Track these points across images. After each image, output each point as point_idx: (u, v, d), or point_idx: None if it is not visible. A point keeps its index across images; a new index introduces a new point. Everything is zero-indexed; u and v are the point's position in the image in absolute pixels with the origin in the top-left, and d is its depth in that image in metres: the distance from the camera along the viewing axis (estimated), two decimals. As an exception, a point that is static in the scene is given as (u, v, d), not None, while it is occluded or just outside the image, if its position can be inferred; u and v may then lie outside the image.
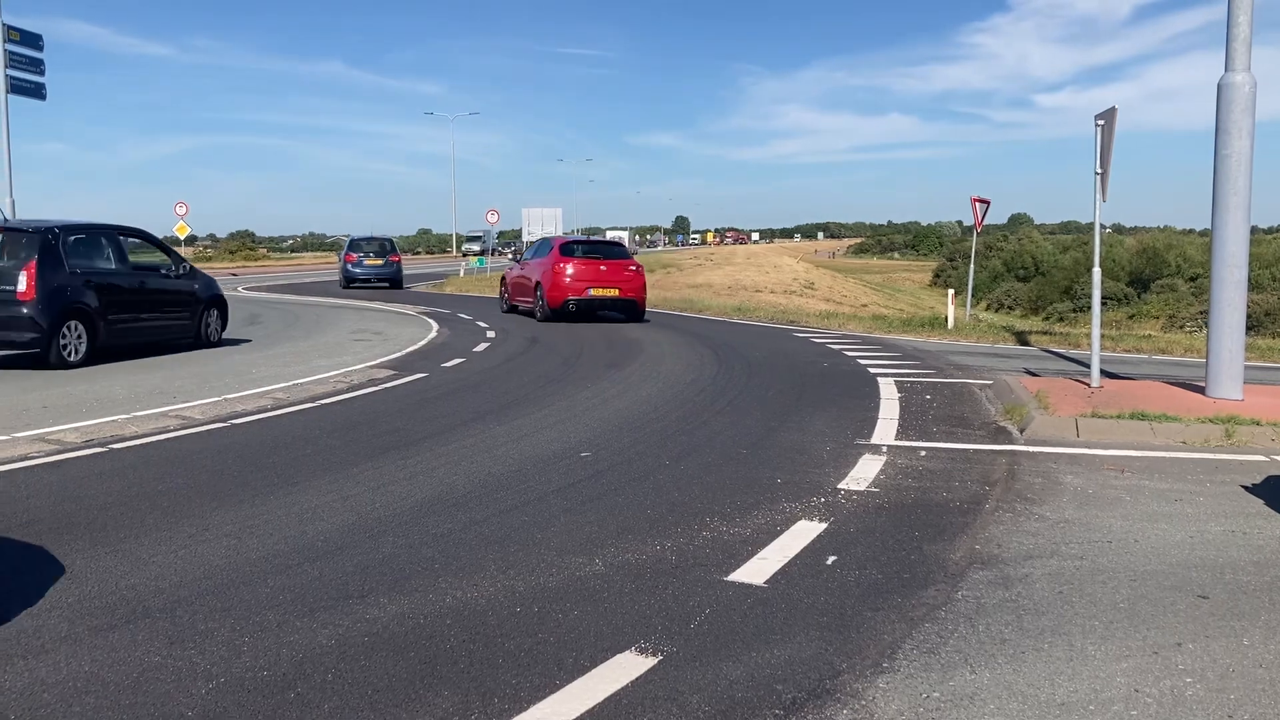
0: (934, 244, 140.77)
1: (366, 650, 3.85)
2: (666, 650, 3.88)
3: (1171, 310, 44.35)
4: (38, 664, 3.68)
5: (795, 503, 6.18)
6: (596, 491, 6.44)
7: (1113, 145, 10.45)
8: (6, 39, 30.56)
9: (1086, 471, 7.24)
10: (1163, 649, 3.99)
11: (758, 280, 43.18)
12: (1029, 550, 5.31)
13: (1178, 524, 5.88)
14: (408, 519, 5.72)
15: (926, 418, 9.48)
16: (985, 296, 56.65)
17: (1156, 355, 16.28)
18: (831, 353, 15.68)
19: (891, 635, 4.08)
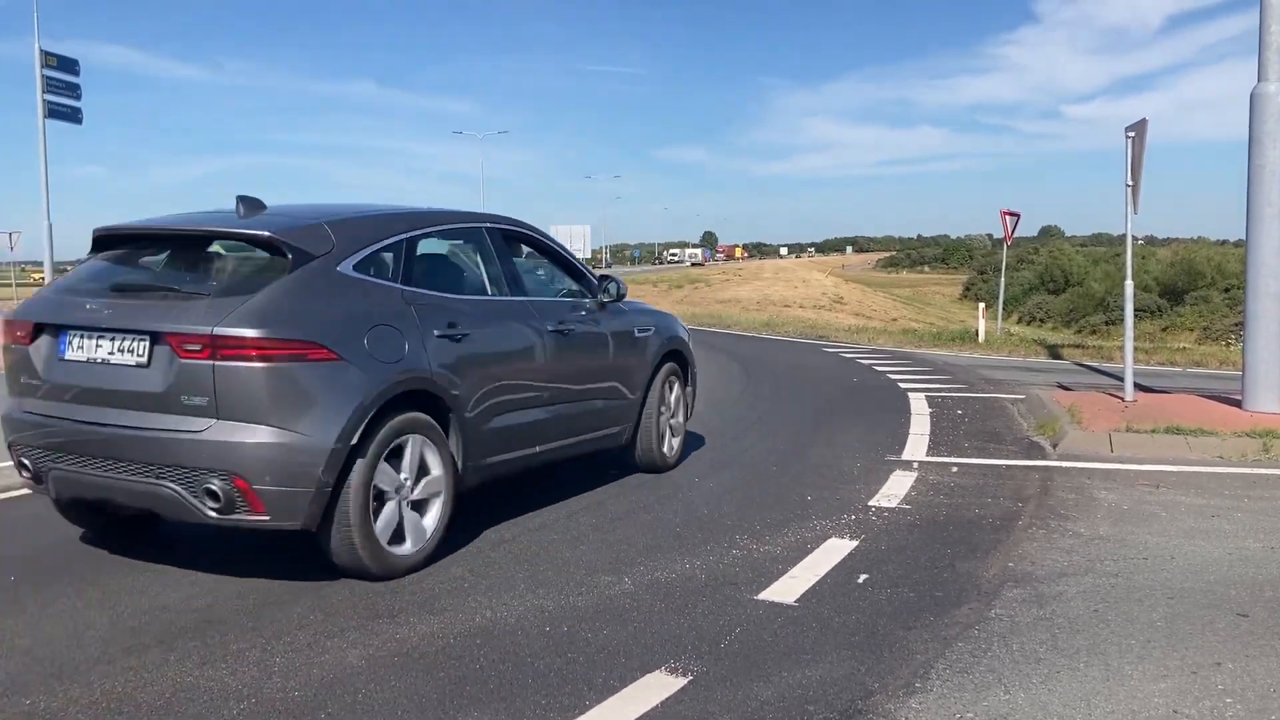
0: (964, 257, 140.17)
1: (396, 670, 3.85)
2: (696, 670, 3.85)
3: (1206, 322, 43.90)
4: (71, 684, 3.71)
5: (826, 520, 6.14)
6: (625, 509, 6.43)
7: (1144, 157, 10.36)
8: (44, 65, 31.07)
9: (1121, 487, 7.16)
10: (1202, 669, 3.92)
11: (786, 295, 43.13)
12: (1063, 567, 5.24)
13: (1215, 540, 5.79)
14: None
15: (958, 433, 9.41)
16: (1016, 309, 56.28)
17: (1191, 368, 16.10)
18: (861, 368, 15.60)
19: (924, 654, 4.04)
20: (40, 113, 31.13)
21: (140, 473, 4.75)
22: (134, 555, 5.34)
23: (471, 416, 5.62)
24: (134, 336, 4.80)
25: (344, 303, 5.10)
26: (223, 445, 4.59)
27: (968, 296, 71.77)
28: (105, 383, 4.85)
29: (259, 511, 4.68)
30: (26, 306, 5.40)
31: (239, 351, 4.60)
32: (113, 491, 4.90)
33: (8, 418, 5.27)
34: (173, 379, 4.67)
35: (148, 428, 4.71)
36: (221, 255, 5.41)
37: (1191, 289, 51.18)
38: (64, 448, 4.99)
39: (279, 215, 5.46)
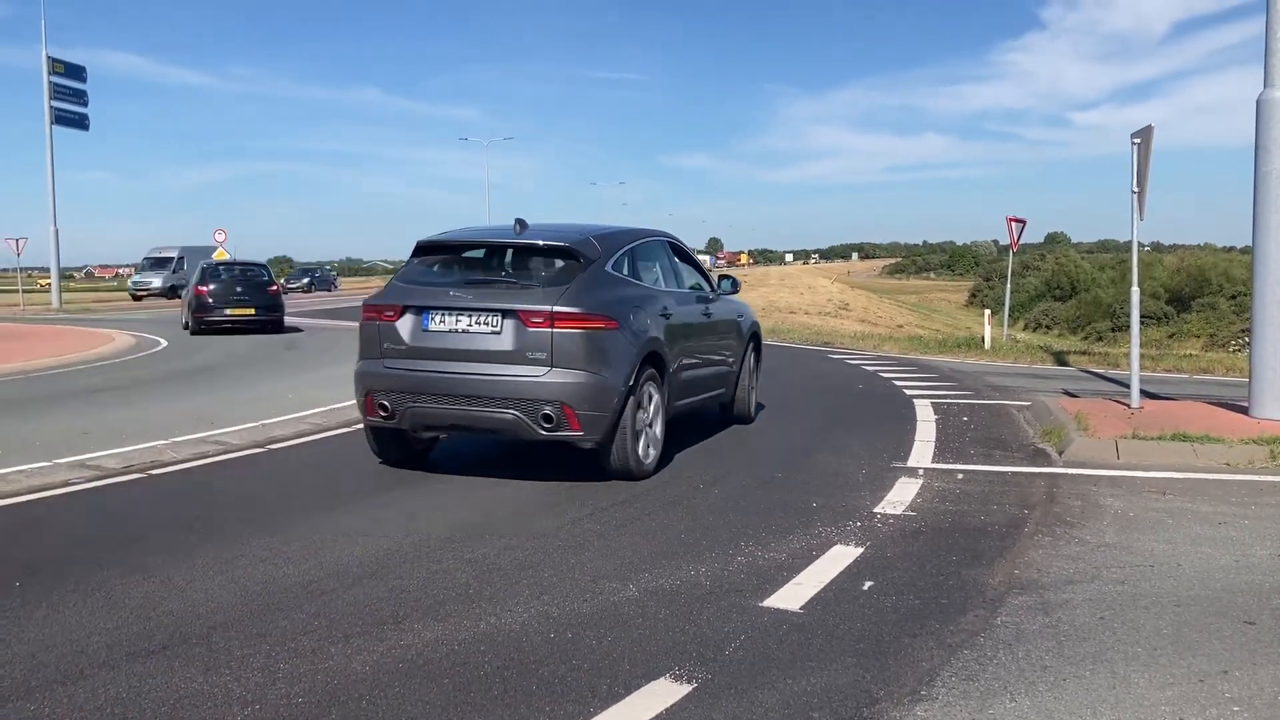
0: (970, 264, 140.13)
1: (401, 677, 3.85)
2: (701, 678, 3.85)
3: (1213, 329, 43.84)
4: (75, 689, 3.71)
5: (831, 527, 6.13)
6: (629, 516, 6.42)
7: (1149, 163, 10.35)
8: (51, 71, 31.18)
9: (1127, 494, 7.14)
10: (1209, 677, 3.90)
11: (792, 301, 43.10)
12: (1069, 575, 5.23)
13: (1222, 548, 5.77)
14: (442, 544, 5.73)
15: (964, 440, 9.39)
16: (1022, 316, 56.25)
17: (1198, 375, 16.06)
18: (867, 374, 15.59)
19: (930, 662, 4.03)
20: (47, 119, 31.23)
21: (490, 405, 7.00)
22: (139, 560, 5.35)
23: (672, 372, 8.04)
24: (490, 313, 7.10)
25: (615, 291, 7.60)
26: (557, 384, 6.93)
27: (974, 303, 71.76)
28: (463, 345, 7.11)
29: (575, 429, 7.01)
30: (387, 295, 7.57)
31: (568, 323, 6.97)
32: (462, 419, 7.18)
33: (368, 373, 7.42)
34: (520, 341, 6.99)
35: (499, 375, 6.99)
36: (532, 258, 7.79)
37: (1198, 296, 51.10)
38: (422, 390, 7.16)
39: (554, 231, 7.96)
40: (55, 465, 7.78)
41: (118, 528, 6.07)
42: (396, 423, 7.40)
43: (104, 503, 6.76)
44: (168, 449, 8.53)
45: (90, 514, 6.44)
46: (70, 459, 8.01)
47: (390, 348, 7.37)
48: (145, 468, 7.82)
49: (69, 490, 7.07)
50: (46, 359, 17.67)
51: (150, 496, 6.97)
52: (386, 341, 7.40)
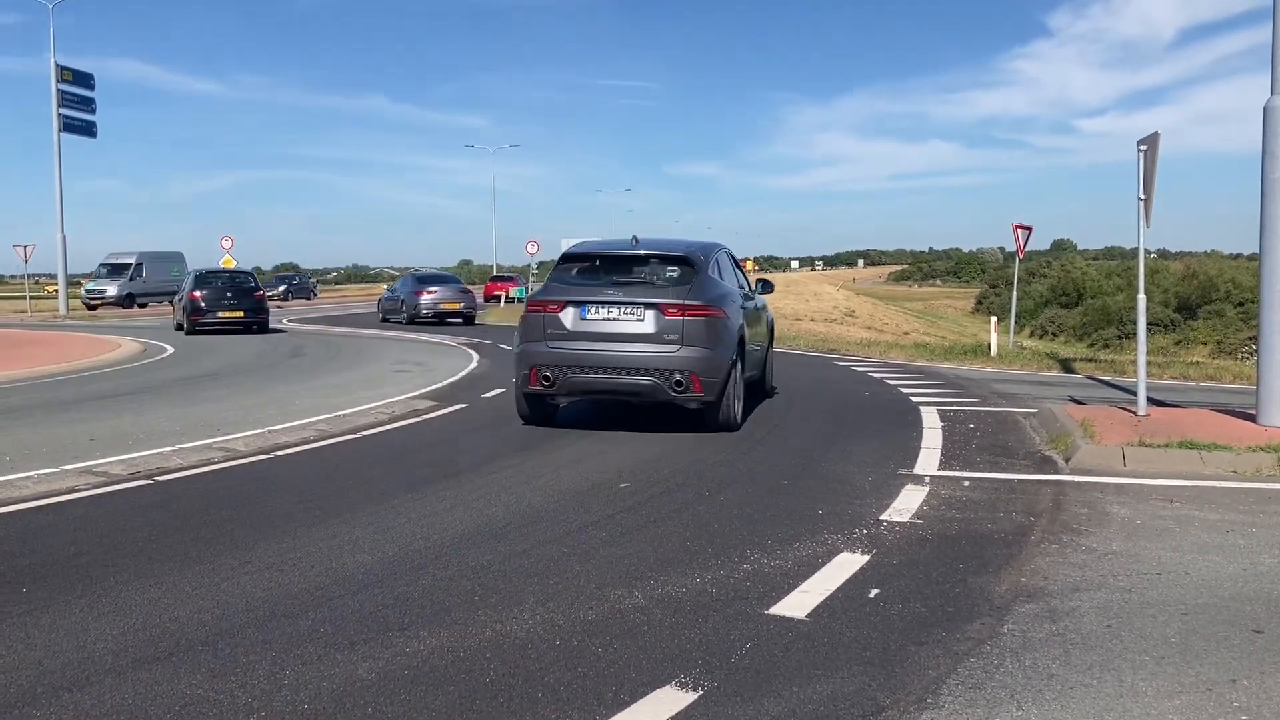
0: (976, 270, 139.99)
1: (406, 684, 3.85)
2: (707, 685, 3.84)
3: (1220, 336, 43.75)
4: (81, 696, 3.71)
5: (837, 534, 6.12)
6: (636, 523, 6.42)
7: (1156, 170, 10.34)
8: (59, 79, 31.27)
9: (1134, 502, 7.12)
10: (1216, 685, 3.89)
11: (798, 308, 43.08)
12: (1076, 582, 5.21)
13: (1230, 556, 5.75)
14: (448, 551, 5.73)
15: (970, 447, 9.38)
16: (1029, 323, 56.17)
17: (1205, 382, 16.01)
18: (873, 381, 15.57)
19: (936, 670, 4.02)
20: (55, 126, 31.31)
21: (634, 374, 9.48)
22: (145, 567, 5.35)
23: (746, 352, 10.53)
24: (636, 306, 9.61)
25: (719, 289, 10.26)
26: (688, 358, 9.46)
27: (980, 310, 71.68)
28: (614, 329, 9.61)
29: (698, 391, 9.50)
30: (551, 293, 10.00)
31: (695, 313, 9.53)
32: (610, 385, 9.70)
33: (534, 351, 9.79)
34: (659, 326, 9.52)
35: (642, 351, 9.53)
36: (655, 265, 10.34)
37: (1205, 302, 51.02)
38: (581, 364, 9.58)
39: (665, 244, 10.89)
40: (62, 471, 7.80)
41: (124, 534, 6.08)
42: (555, 390, 9.84)
43: (110, 509, 6.77)
44: (174, 455, 8.55)
45: (97, 520, 6.44)
46: (77, 465, 8.03)
47: (553, 333, 9.80)
48: (151, 474, 7.84)
49: (75, 496, 7.09)
50: (53, 365, 17.73)
51: (156, 502, 6.98)
52: (550, 328, 9.84)
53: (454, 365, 17.75)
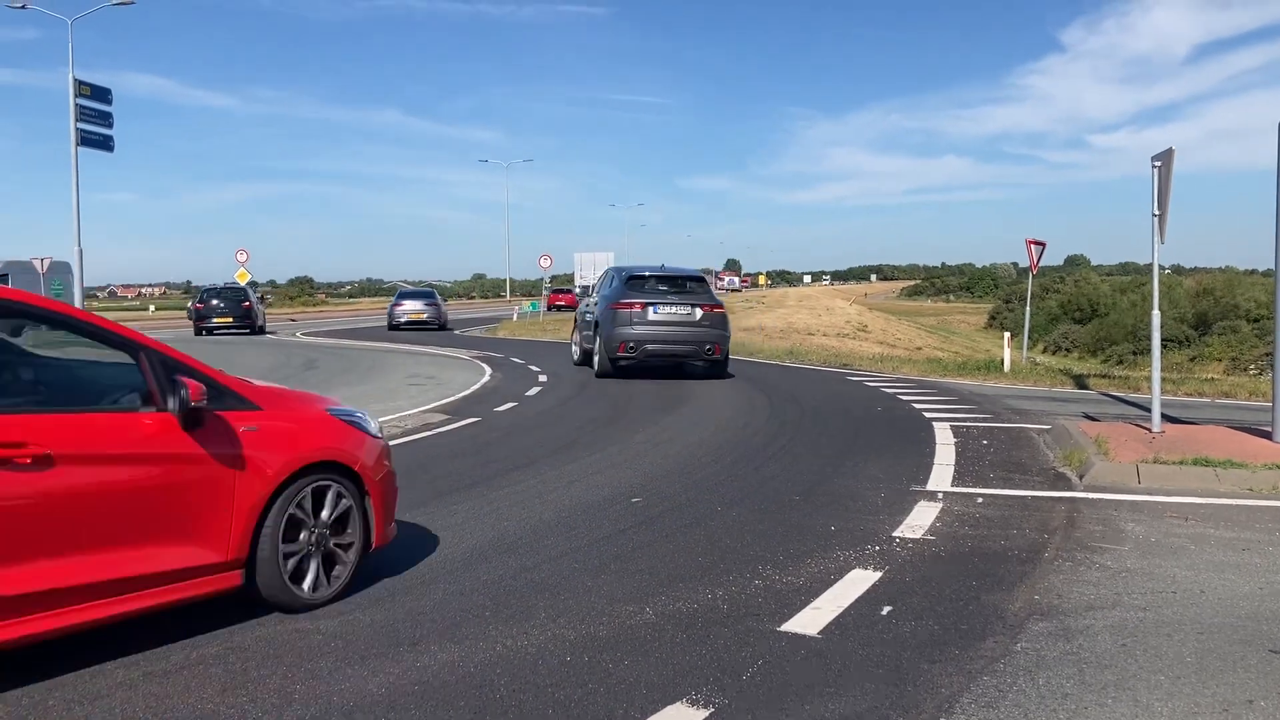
0: (989, 286, 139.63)
1: (416, 699, 3.84)
2: (718, 702, 3.82)
3: (1235, 352, 43.49)
4: (93, 708, 3.72)
5: (849, 551, 6.10)
6: (648, 538, 6.40)
7: (1170, 186, 10.31)
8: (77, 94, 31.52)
9: (1149, 519, 7.07)
10: (1233, 706, 3.85)
11: (810, 323, 43.02)
12: (1090, 601, 5.18)
13: (1246, 574, 5.71)
14: (458, 565, 5.73)
15: (983, 463, 9.34)
16: (1042, 339, 55.95)
17: (1220, 399, 15.92)
18: (886, 397, 15.53)
19: (949, 688, 3.99)
20: (73, 140, 31.54)
21: (684, 344, 17.10)
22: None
23: None
24: (688, 307, 17.01)
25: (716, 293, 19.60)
26: (715, 334, 17.24)
27: (993, 325, 71.47)
28: (673, 320, 16.93)
29: (717, 355, 17.33)
30: (631, 297, 16.95)
31: (717, 309, 17.44)
32: (669, 352, 17.20)
33: (623, 331, 16.77)
34: (700, 317, 17.04)
35: (689, 331, 17.07)
36: (685, 280, 17.76)
37: (1220, 318, 50.77)
38: (651, 340, 16.85)
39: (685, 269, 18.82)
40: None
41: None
42: (634, 356, 16.95)
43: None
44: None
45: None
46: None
47: (636, 320, 16.85)
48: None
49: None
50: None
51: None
52: (635, 318, 16.86)
53: (467, 379, 17.77)
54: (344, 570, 5.13)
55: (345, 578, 5.13)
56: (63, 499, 4.01)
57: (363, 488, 5.27)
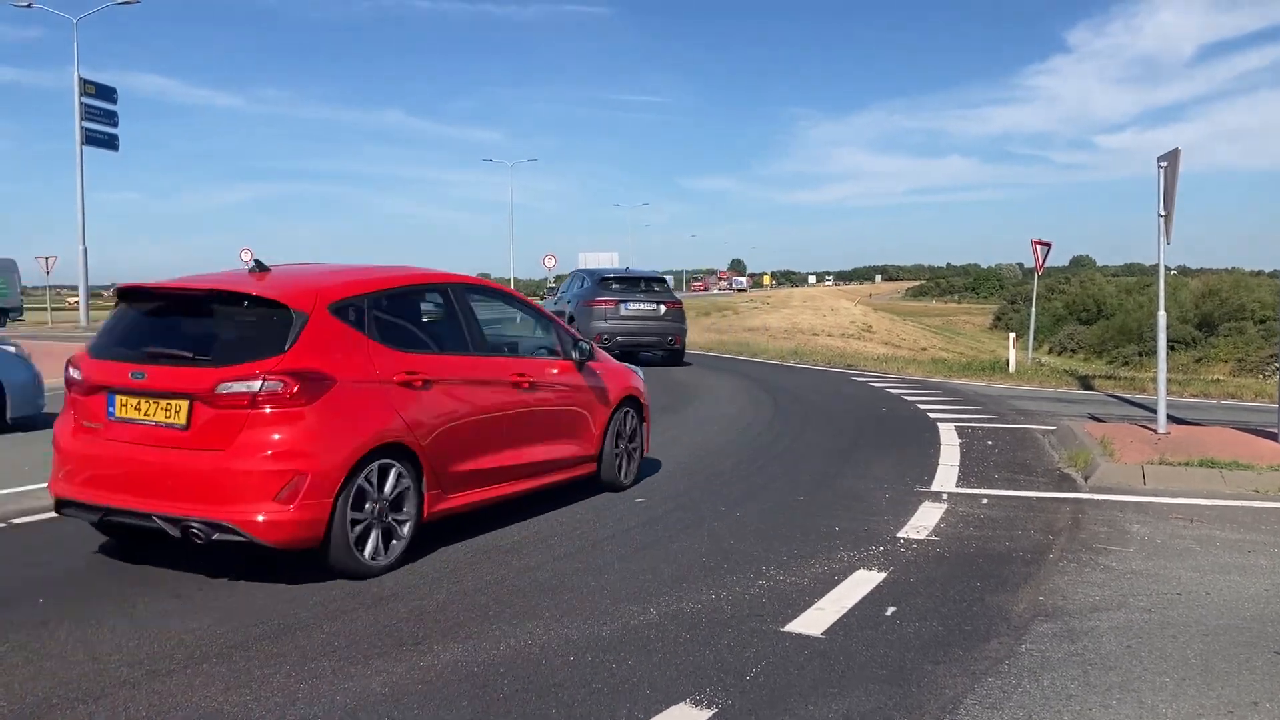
0: (994, 286, 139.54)
1: (419, 698, 3.84)
2: (721, 703, 3.81)
3: (1241, 353, 43.41)
4: (95, 707, 3.72)
5: (853, 551, 6.09)
6: (651, 538, 6.40)
7: (1176, 187, 10.28)
8: (83, 93, 31.58)
9: (1154, 520, 7.06)
10: (1238, 707, 3.84)
11: (815, 323, 43.00)
12: (1095, 602, 5.16)
13: (1251, 576, 5.69)
14: (462, 565, 5.72)
15: (988, 464, 9.32)
16: (1047, 340, 55.89)
17: (1226, 400, 15.90)
18: (890, 397, 15.51)
19: (953, 689, 3.98)
20: (78, 139, 31.60)
21: (651, 335, 20.13)
22: (161, 579, 5.36)
23: None
24: (653, 304, 20.02)
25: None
26: (674, 328, 20.42)
27: (998, 326, 71.39)
28: (640, 315, 19.87)
29: (678, 346, 20.67)
30: (606, 296, 19.81)
31: (676, 305, 20.54)
32: (639, 342, 19.91)
33: (600, 324, 19.19)
34: (664, 313, 20.12)
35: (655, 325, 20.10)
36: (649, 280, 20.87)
37: (1226, 319, 50.67)
38: (623, 332, 19.54)
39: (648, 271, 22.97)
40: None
41: (141, 546, 6.09)
42: (607, 346, 16.92)
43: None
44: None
45: (114, 531, 6.45)
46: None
47: (609, 315, 19.39)
48: (169, 486, 7.85)
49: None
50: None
51: (173, 514, 6.99)
52: (608, 313, 19.39)
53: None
54: (635, 464, 8.17)
55: (635, 471, 8.16)
56: (535, 408, 6.96)
57: (643, 414, 8.33)
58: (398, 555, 5.66)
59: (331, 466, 5.32)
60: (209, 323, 5.79)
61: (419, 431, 5.87)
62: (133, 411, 5.48)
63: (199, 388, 5.29)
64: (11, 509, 6.91)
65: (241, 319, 5.71)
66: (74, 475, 5.64)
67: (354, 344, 5.73)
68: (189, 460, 5.29)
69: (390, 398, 5.76)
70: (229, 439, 5.25)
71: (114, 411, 5.54)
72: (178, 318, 5.92)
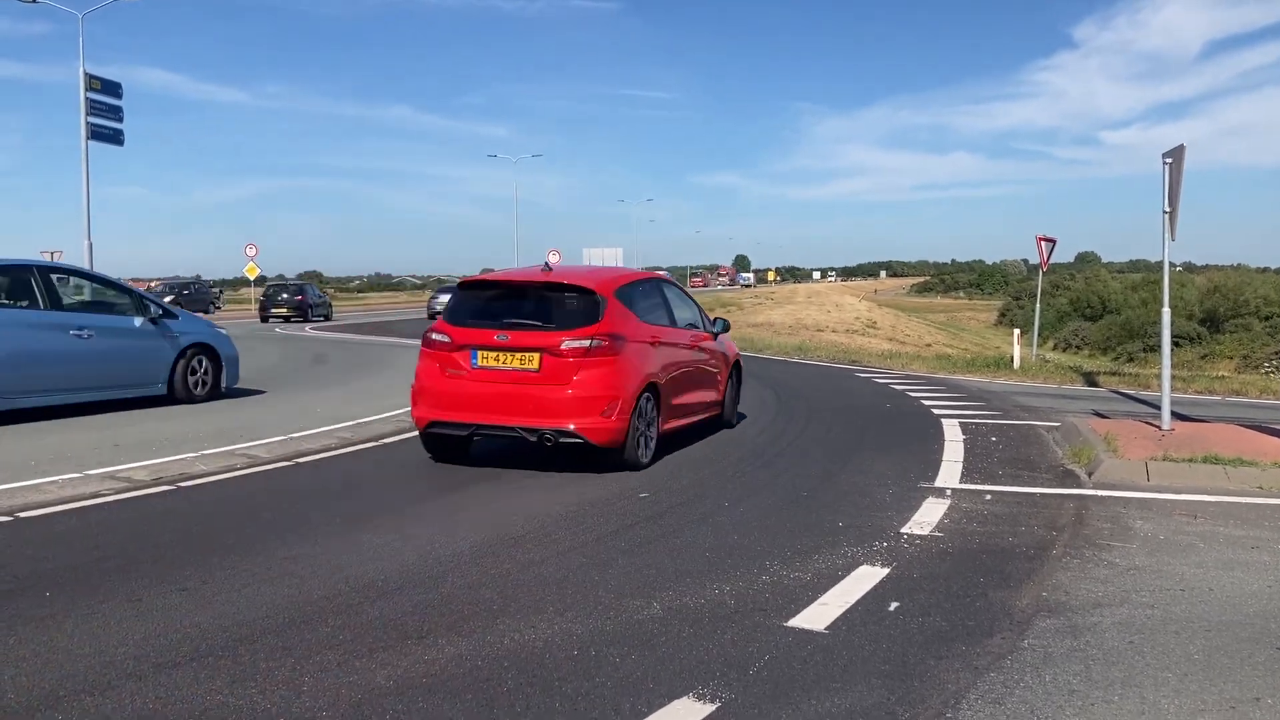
0: (999, 283, 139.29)
1: (424, 692, 3.86)
2: (725, 697, 3.83)
3: (1246, 350, 43.37)
4: (102, 699, 3.74)
5: (857, 547, 6.10)
6: (655, 534, 6.41)
7: (1181, 183, 10.27)
8: (88, 88, 31.62)
9: (1158, 517, 7.06)
10: (1240, 704, 3.85)
11: (819, 319, 42.97)
12: (1098, 598, 5.17)
13: (1255, 572, 5.70)
14: (467, 559, 5.74)
15: (992, 460, 9.32)
16: (1052, 336, 55.81)
17: (1230, 397, 15.88)
18: (894, 393, 15.51)
19: (955, 685, 3.99)
20: (84, 134, 31.64)
21: None
22: (166, 572, 5.39)
23: None
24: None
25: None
26: None
27: (1003, 322, 71.27)
28: None
29: None
30: None
31: None
32: None
33: None
34: None
35: None
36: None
37: (1231, 316, 50.57)
38: None
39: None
40: (86, 477, 7.86)
41: (146, 539, 6.12)
42: None
43: (134, 515, 6.82)
44: (197, 461, 8.60)
45: (119, 525, 6.49)
46: (101, 470, 8.09)
47: None
48: (175, 480, 7.89)
49: (99, 501, 7.14)
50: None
51: (179, 509, 7.03)
52: None
53: (475, 374, 17.80)
54: (736, 410, 11.50)
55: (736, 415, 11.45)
56: (700, 365, 10.08)
57: (740, 376, 11.58)
58: (650, 456, 8.77)
59: (630, 395, 8.40)
60: (546, 303, 8.72)
61: (660, 376, 9.00)
62: (492, 361, 8.34)
63: (549, 344, 8.23)
64: (18, 502, 6.94)
65: (568, 300, 8.68)
66: (442, 405, 8.48)
67: (629, 318, 8.84)
68: (542, 392, 8.19)
69: (647, 353, 8.90)
70: (570, 377, 8.20)
71: (476, 362, 8.39)
72: (519, 300, 8.86)
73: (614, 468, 8.43)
